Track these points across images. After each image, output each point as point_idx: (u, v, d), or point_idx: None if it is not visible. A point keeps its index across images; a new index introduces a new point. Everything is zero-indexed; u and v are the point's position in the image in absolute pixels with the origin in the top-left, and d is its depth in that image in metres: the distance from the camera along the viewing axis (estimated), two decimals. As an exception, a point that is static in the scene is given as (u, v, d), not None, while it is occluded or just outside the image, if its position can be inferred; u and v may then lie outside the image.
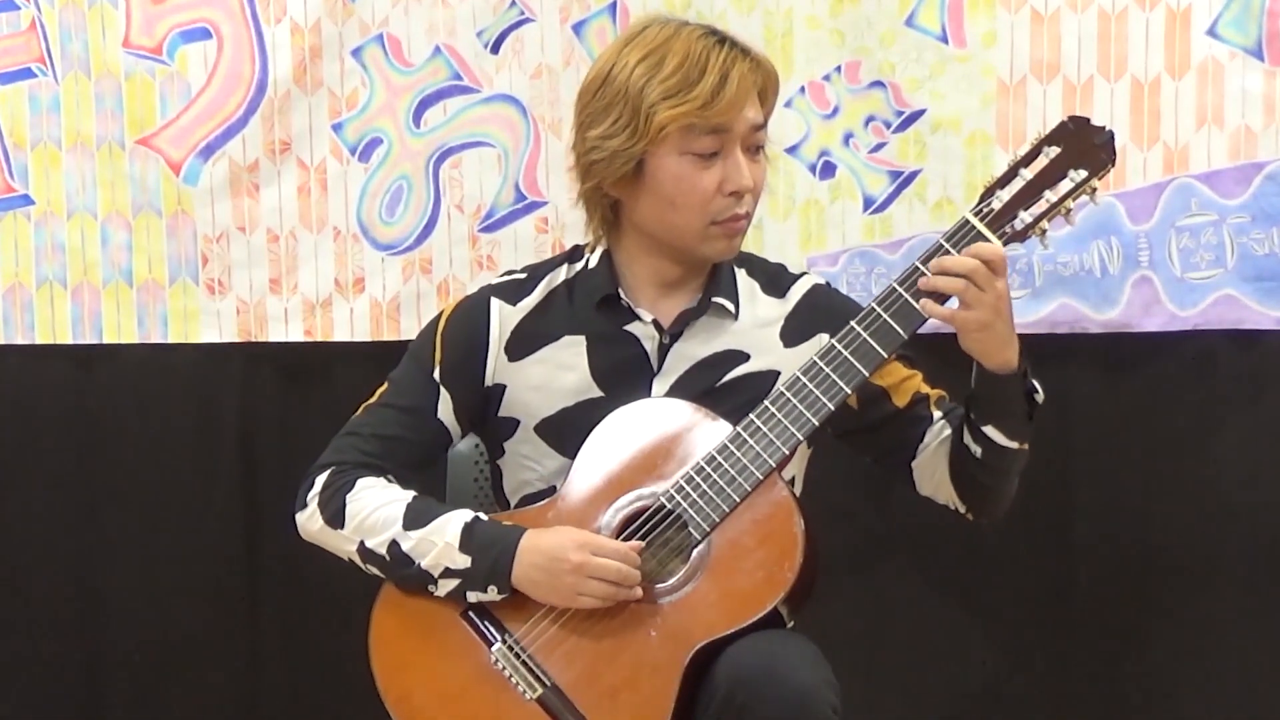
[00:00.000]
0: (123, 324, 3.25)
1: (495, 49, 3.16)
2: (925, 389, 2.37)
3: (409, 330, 3.20)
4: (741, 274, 2.39)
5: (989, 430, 2.25)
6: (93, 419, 3.31)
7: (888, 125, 3.10)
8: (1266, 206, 3.01)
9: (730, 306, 2.35)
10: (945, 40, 3.07)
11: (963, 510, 2.37)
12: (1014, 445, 2.25)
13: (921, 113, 3.08)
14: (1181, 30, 3.01)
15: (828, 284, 2.44)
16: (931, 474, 2.36)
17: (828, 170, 3.11)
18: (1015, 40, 3.05)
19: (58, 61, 3.21)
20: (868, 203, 3.12)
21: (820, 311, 2.32)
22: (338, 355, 3.24)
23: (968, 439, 2.27)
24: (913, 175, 3.10)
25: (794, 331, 2.34)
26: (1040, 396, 2.27)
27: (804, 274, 2.43)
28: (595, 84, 2.29)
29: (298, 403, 3.28)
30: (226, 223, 3.21)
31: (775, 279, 2.41)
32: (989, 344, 2.19)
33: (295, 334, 3.24)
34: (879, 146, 3.11)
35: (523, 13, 3.15)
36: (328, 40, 3.16)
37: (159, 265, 3.23)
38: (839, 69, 3.09)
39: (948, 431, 2.33)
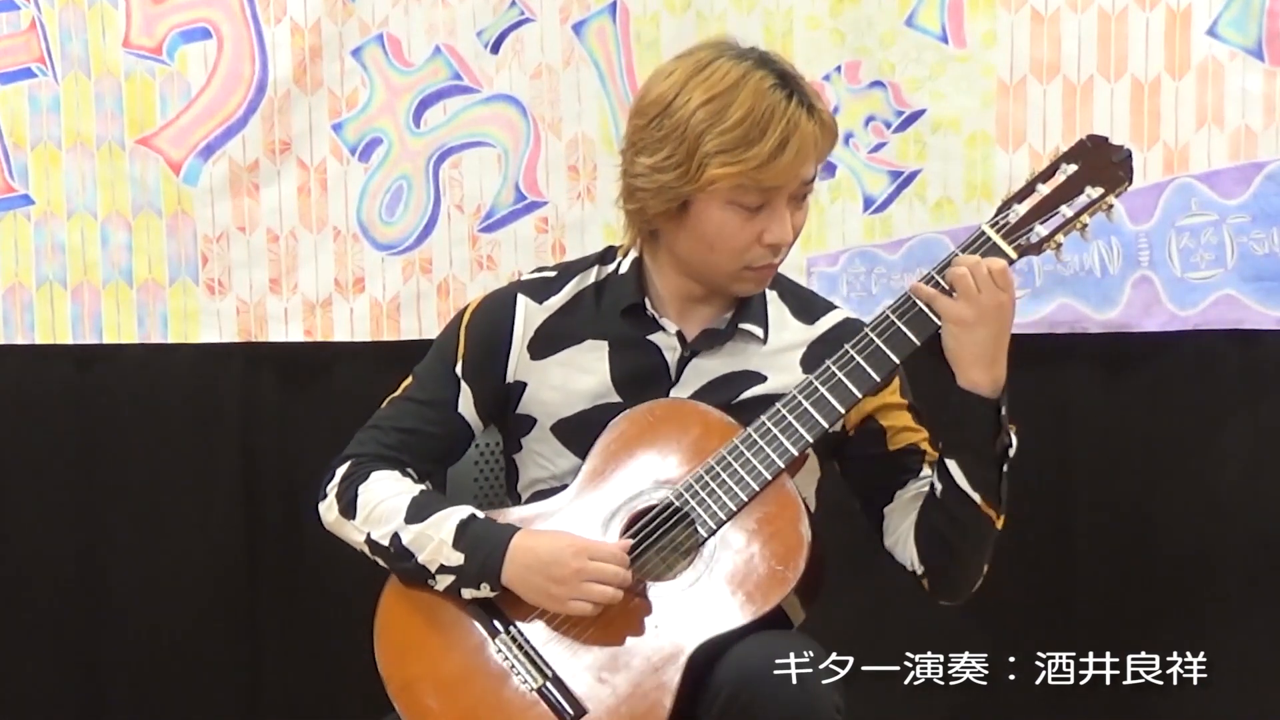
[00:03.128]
0: (123, 324, 3.25)
1: (495, 49, 3.16)
2: (924, 447, 2.34)
3: (409, 330, 3.21)
4: (772, 296, 2.38)
5: (951, 465, 2.22)
6: (93, 419, 3.31)
7: (888, 125, 3.10)
8: (1266, 206, 3.01)
9: (759, 333, 2.35)
10: (945, 40, 3.07)
11: (919, 573, 2.32)
12: (974, 496, 2.22)
13: (921, 113, 3.09)
14: (1181, 30, 3.02)
15: (860, 320, 2.39)
16: (898, 525, 2.33)
17: (827, 170, 3.11)
18: (1015, 40, 3.05)
19: (58, 61, 3.20)
20: (868, 203, 3.13)
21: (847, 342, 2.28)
22: (338, 355, 3.24)
23: (934, 473, 2.26)
24: (913, 175, 3.11)
25: (816, 359, 2.30)
26: (1013, 451, 2.23)
27: (837, 307, 2.42)
28: (654, 109, 2.24)
29: (298, 403, 3.29)
30: (226, 223, 3.21)
31: (806, 305, 2.40)
32: (966, 347, 2.18)
33: (295, 334, 3.24)
34: (879, 146, 3.11)
35: (523, 13, 3.15)
36: (328, 40, 3.17)
37: (159, 265, 3.23)
38: (839, 69, 3.10)
39: (927, 489, 2.29)
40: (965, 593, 2.36)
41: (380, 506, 2.29)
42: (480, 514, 2.28)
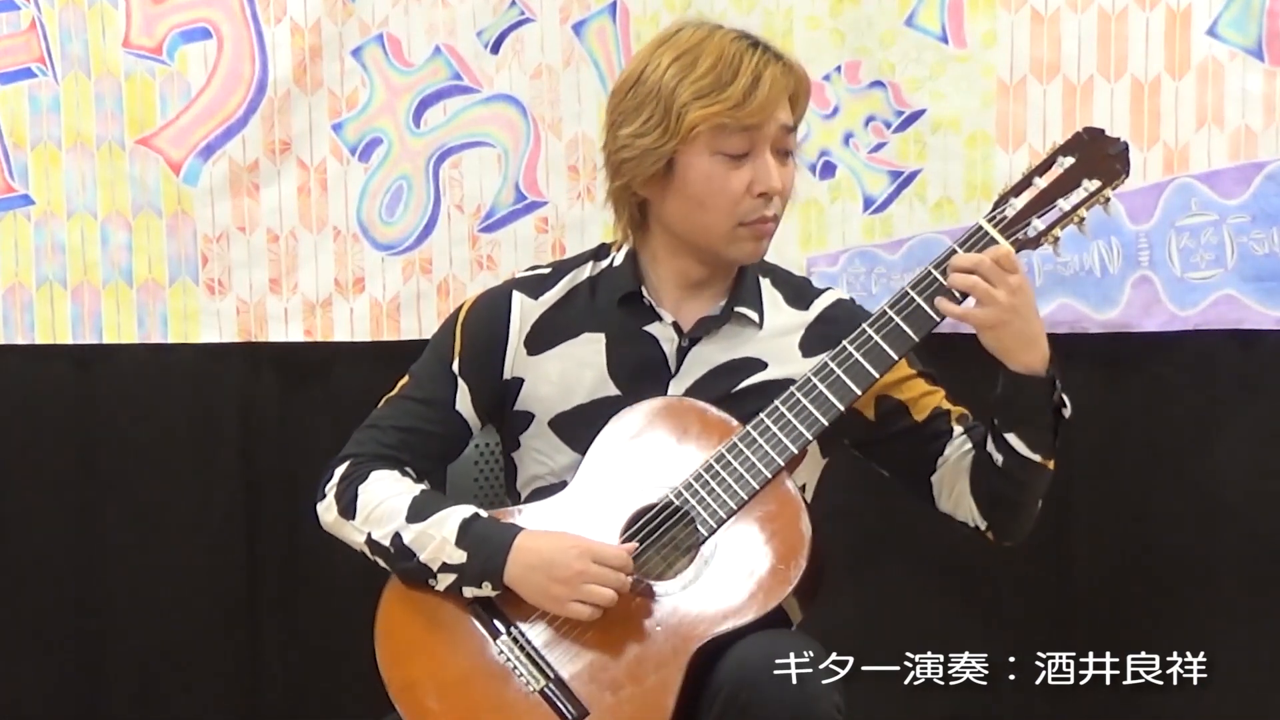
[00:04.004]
0: (123, 324, 3.25)
1: (495, 49, 3.17)
2: (947, 405, 2.37)
3: (409, 330, 3.21)
4: (766, 284, 2.39)
5: (1011, 438, 2.24)
6: (93, 419, 3.31)
7: (888, 125, 3.10)
8: (1266, 206, 3.01)
9: (754, 316, 2.35)
10: (945, 40, 3.07)
11: (983, 527, 2.35)
12: (1035, 458, 2.25)
13: (921, 113, 3.09)
14: (1181, 30, 3.02)
15: (852, 300, 2.44)
16: (951, 488, 2.35)
17: (828, 170, 3.12)
18: (1015, 40, 3.05)
19: (58, 61, 3.21)
20: (868, 203, 3.13)
21: (842, 325, 2.29)
22: (338, 355, 3.25)
23: (990, 446, 2.27)
24: (913, 175, 3.11)
25: (814, 342, 2.33)
26: (1068, 412, 2.26)
27: (829, 288, 2.43)
28: (628, 84, 2.28)
29: (298, 403, 3.29)
30: (226, 223, 3.21)
31: (800, 291, 2.41)
32: (1007, 342, 2.20)
33: (295, 334, 3.24)
34: (879, 146, 3.11)
35: (523, 13, 3.15)
36: (328, 40, 3.17)
37: (159, 265, 3.24)
38: (839, 69, 3.10)
39: (969, 445, 2.32)
40: (1026, 533, 2.40)
41: (380, 506, 2.29)
42: (483, 513, 2.28)
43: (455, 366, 2.38)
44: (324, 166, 3.20)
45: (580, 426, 2.31)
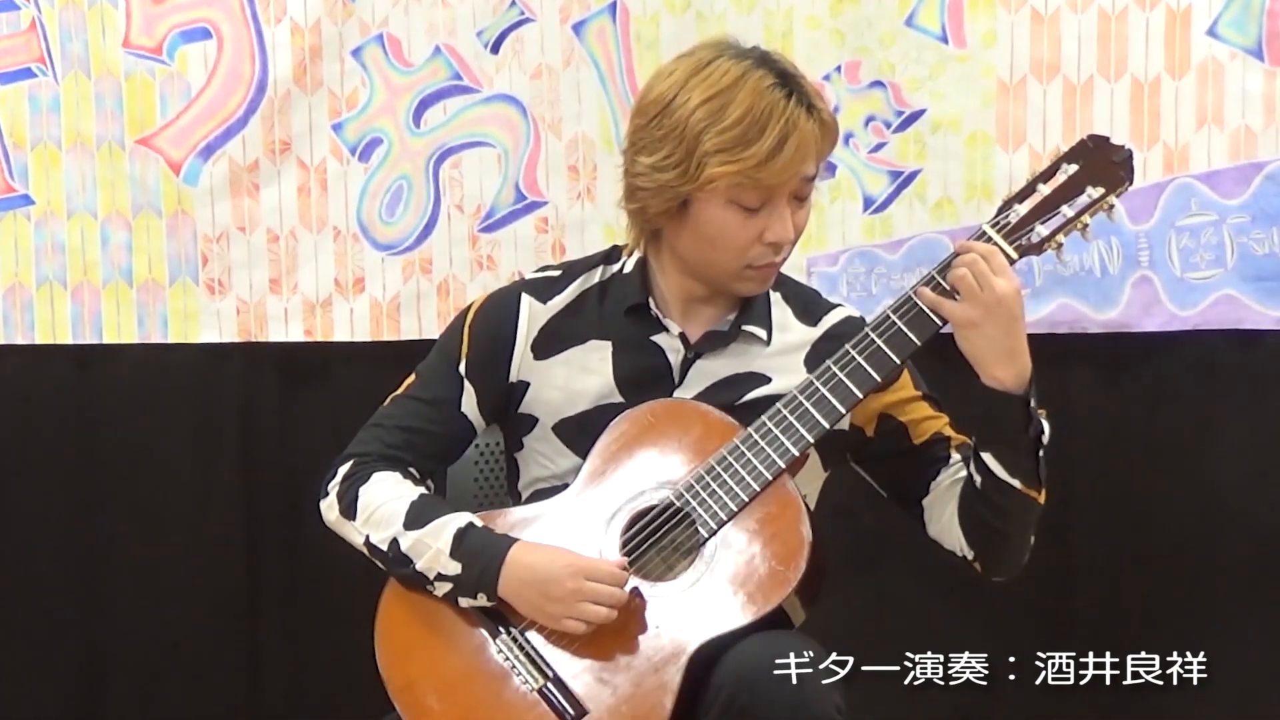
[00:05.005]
0: (123, 324, 3.25)
1: (495, 49, 3.17)
2: (948, 432, 2.35)
3: (409, 330, 3.21)
4: (776, 298, 2.38)
5: (987, 457, 2.22)
6: (93, 419, 3.31)
7: (888, 125, 3.11)
8: (1266, 206, 3.01)
9: (762, 334, 2.34)
10: (945, 40, 3.07)
11: (970, 557, 2.33)
12: (1014, 483, 2.22)
13: (921, 113, 3.09)
14: (1181, 30, 3.02)
15: (862, 317, 2.40)
16: (940, 514, 2.33)
17: (828, 170, 3.11)
18: (1015, 40, 3.06)
19: (58, 61, 3.21)
20: (868, 203, 3.13)
21: (849, 341, 2.26)
22: (338, 355, 3.25)
23: (971, 467, 2.26)
24: (913, 175, 3.11)
25: (819, 359, 2.29)
26: (1047, 437, 2.24)
27: (839, 305, 2.42)
28: (654, 109, 2.24)
29: (298, 403, 3.29)
30: (226, 223, 3.21)
31: (809, 306, 2.40)
32: (980, 348, 2.18)
33: (295, 334, 3.24)
34: (879, 146, 3.11)
35: (523, 13, 3.15)
36: (328, 40, 3.17)
37: (159, 265, 3.24)
38: (839, 69, 3.10)
39: (963, 473, 2.30)
40: (1017, 568, 2.37)
41: (380, 510, 2.29)
42: (478, 522, 2.27)
43: (462, 368, 2.37)
44: (324, 166, 3.20)
45: (584, 432, 2.31)
